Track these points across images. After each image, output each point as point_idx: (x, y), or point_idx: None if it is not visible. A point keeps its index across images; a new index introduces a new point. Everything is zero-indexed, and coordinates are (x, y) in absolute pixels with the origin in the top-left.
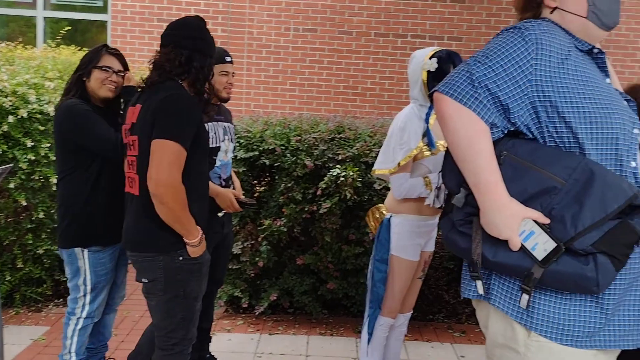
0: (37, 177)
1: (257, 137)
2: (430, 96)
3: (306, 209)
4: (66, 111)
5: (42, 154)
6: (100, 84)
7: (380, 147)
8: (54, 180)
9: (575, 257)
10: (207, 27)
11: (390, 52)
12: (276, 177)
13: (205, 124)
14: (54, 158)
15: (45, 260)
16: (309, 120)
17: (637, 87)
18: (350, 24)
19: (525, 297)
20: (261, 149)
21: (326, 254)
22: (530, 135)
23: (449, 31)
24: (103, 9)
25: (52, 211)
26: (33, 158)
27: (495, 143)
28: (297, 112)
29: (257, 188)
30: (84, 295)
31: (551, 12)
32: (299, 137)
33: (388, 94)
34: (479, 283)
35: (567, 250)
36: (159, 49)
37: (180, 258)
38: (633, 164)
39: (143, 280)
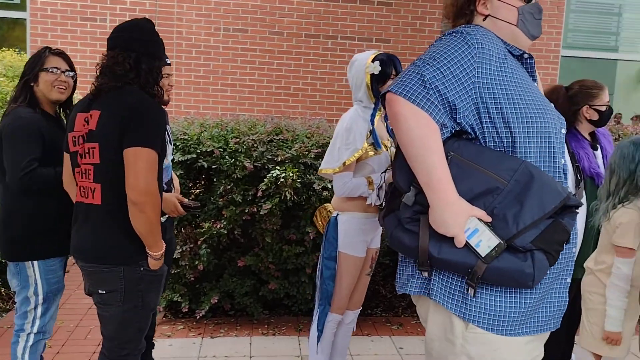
0: None
1: (194, 139)
2: (382, 97)
3: (246, 211)
4: (12, 119)
5: None
6: (50, 87)
7: (318, 147)
8: None
9: (514, 254)
10: (155, 28)
11: (321, 53)
12: (214, 180)
13: None
14: None
15: None
16: (246, 121)
17: (557, 88)
18: (281, 24)
19: (471, 290)
20: (198, 151)
21: (267, 255)
22: (473, 135)
23: (377, 33)
24: (21, 6)
25: None
26: None
27: (443, 144)
28: (229, 112)
29: (193, 191)
30: (35, 308)
31: (484, 19)
32: (238, 139)
33: (320, 94)
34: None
35: (507, 248)
36: (105, 51)
37: (142, 268)
38: (562, 161)
39: (100, 291)
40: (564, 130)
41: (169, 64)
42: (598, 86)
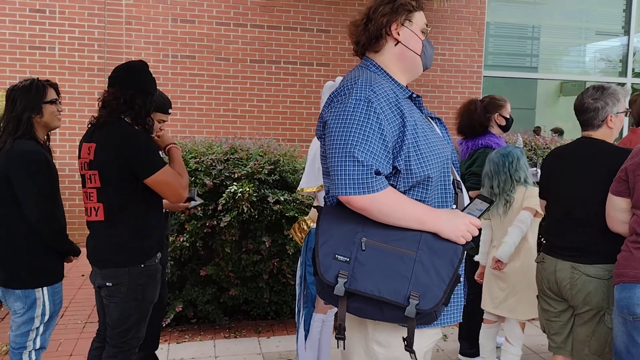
0: None
1: None
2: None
3: (207, 224)
4: (23, 153)
5: None
6: (54, 117)
7: (270, 164)
8: None
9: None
10: (149, 69)
11: (266, 77)
12: None
13: None
14: None
15: None
16: (203, 142)
17: (474, 100)
18: (226, 51)
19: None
20: None
21: (227, 264)
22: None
23: (317, 58)
24: None
25: None
26: None
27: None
28: (179, 134)
29: None
30: (38, 327)
31: (395, 45)
32: (197, 159)
33: (266, 115)
34: (342, 343)
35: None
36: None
37: (142, 265)
38: (451, 180)
39: (107, 284)
40: (454, 155)
41: (169, 113)
42: (503, 99)
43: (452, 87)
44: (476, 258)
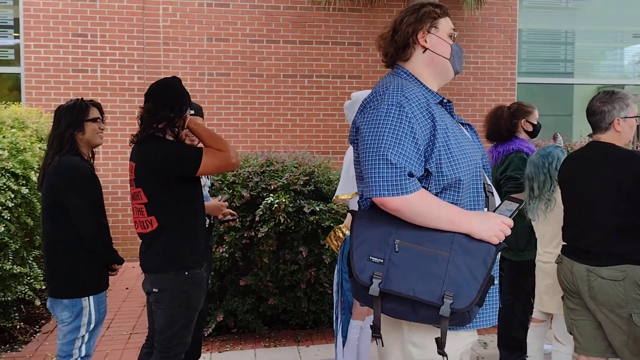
0: None
1: None
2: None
3: (245, 235)
4: (70, 168)
5: None
6: (95, 134)
7: (305, 175)
8: None
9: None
10: (182, 84)
11: (299, 91)
12: None
13: None
14: None
15: None
16: (240, 156)
17: (502, 106)
18: (260, 67)
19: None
20: None
21: (265, 274)
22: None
23: (349, 70)
24: (15, 62)
25: None
26: None
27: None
28: None
29: None
30: (83, 335)
31: (423, 52)
32: (234, 172)
33: (299, 128)
34: (379, 341)
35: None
36: (141, 104)
37: (186, 273)
38: (482, 184)
39: (154, 289)
40: (485, 159)
41: (193, 114)
42: (531, 106)
43: (485, 95)
44: None
